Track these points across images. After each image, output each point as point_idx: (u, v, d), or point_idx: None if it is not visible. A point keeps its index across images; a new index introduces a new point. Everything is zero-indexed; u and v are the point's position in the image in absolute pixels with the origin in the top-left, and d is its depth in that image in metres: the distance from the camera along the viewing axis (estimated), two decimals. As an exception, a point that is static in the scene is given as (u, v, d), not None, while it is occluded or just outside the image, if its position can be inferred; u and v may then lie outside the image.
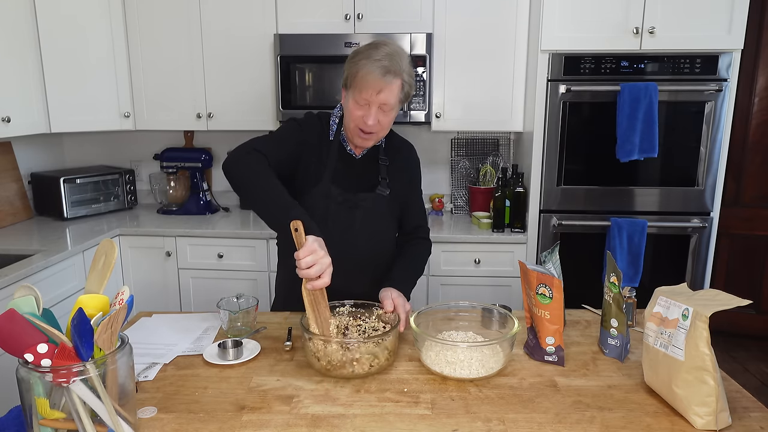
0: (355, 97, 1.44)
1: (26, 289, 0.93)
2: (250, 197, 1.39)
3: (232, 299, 1.49)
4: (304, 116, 1.59)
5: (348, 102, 1.47)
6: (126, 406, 0.97)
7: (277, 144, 1.49)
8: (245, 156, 1.42)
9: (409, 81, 1.46)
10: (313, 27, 2.70)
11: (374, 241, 1.59)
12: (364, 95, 1.41)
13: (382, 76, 1.39)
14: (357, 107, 1.44)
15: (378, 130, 1.47)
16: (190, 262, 2.71)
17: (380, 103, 1.42)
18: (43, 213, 2.94)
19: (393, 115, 1.48)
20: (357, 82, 1.42)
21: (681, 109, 2.46)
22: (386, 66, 1.39)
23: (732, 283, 3.40)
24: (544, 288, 1.25)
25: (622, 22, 2.42)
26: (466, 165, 3.10)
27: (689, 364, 1.04)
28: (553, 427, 1.04)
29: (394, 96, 1.43)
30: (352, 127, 1.49)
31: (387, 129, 1.52)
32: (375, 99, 1.41)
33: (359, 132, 1.47)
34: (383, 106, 1.43)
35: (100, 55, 2.77)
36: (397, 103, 1.46)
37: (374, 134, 1.49)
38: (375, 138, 1.51)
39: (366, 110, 1.43)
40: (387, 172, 1.60)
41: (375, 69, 1.39)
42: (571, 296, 1.48)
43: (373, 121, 1.43)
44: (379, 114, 1.44)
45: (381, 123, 1.46)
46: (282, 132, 1.54)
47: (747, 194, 3.33)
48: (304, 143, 1.53)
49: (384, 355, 1.24)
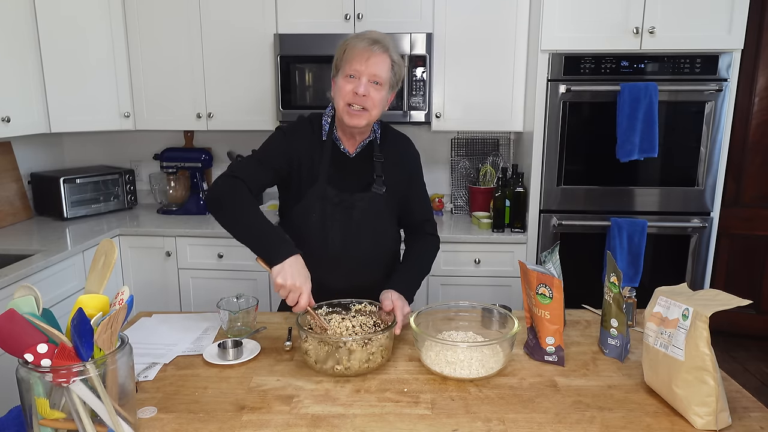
0: (345, 72, 1.45)
1: (26, 289, 0.93)
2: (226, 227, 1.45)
3: (232, 299, 1.49)
4: (296, 120, 1.59)
5: (338, 83, 1.47)
6: (126, 406, 0.97)
7: (258, 164, 1.51)
8: (220, 186, 1.46)
9: (398, 62, 1.48)
10: (313, 27, 2.70)
11: (373, 240, 1.58)
12: (353, 65, 1.43)
13: (369, 45, 1.43)
14: (347, 82, 1.44)
15: (370, 105, 1.45)
16: (190, 262, 2.71)
17: (370, 74, 1.42)
18: (43, 213, 2.94)
19: (384, 94, 1.47)
20: (345, 57, 1.45)
21: (681, 109, 2.46)
22: (373, 38, 1.44)
23: (732, 283, 3.39)
24: (544, 288, 1.25)
25: (622, 22, 2.42)
26: (466, 165, 3.10)
27: (689, 364, 1.04)
28: (553, 427, 1.04)
29: (384, 69, 1.44)
30: (341, 107, 1.46)
31: (378, 108, 1.48)
32: (365, 68, 1.42)
33: (349, 109, 1.45)
34: (373, 78, 1.43)
35: (100, 55, 2.77)
36: (387, 81, 1.46)
37: (366, 112, 1.45)
38: (367, 116, 1.47)
39: (356, 82, 1.43)
40: (383, 169, 1.57)
41: (361, 41, 1.44)
42: (571, 296, 1.48)
43: (364, 89, 1.42)
44: (370, 88, 1.44)
45: (372, 98, 1.44)
46: (266, 147, 1.55)
47: (747, 194, 3.33)
48: (293, 150, 1.53)
49: (379, 354, 1.25)
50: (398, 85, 1.52)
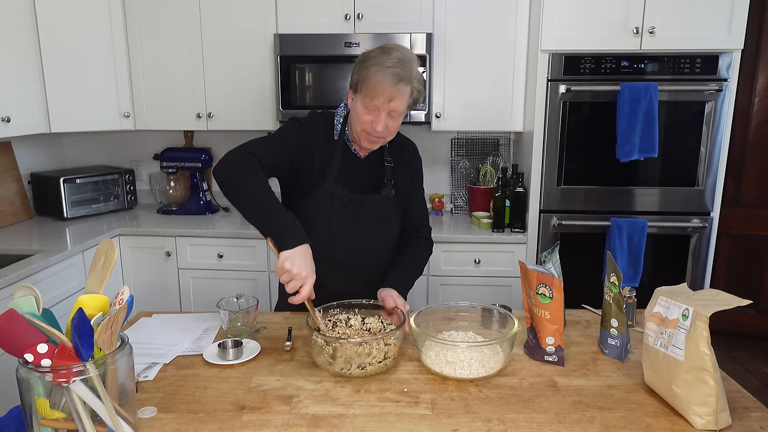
0: (365, 103, 1.42)
1: (26, 289, 0.93)
2: (235, 204, 1.40)
3: (232, 299, 1.49)
4: (308, 115, 1.58)
5: (356, 105, 1.45)
6: (126, 406, 0.97)
7: (276, 146, 1.49)
8: (234, 160, 1.41)
9: (419, 87, 1.44)
10: (313, 27, 2.70)
11: (379, 241, 1.59)
12: (375, 102, 1.40)
13: (394, 84, 1.37)
14: (366, 112, 1.43)
15: (386, 135, 1.48)
16: (190, 262, 2.71)
17: (390, 110, 1.42)
18: (43, 213, 2.94)
19: (401, 120, 1.48)
20: (368, 88, 1.39)
21: (681, 109, 2.46)
22: (398, 74, 1.37)
23: (732, 283, 3.39)
24: (544, 288, 1.25)
25: (622, 22, 2.42)
26: (466, 165, 3.10)
27: (689, 364, 1.04)
28: (553, 427, 1.04)
29: (404, 103, 1.43)
30: (359, 131, 1.48)
31: (394, 134, 1.52)
32: (386, 106, 1.41)
33: (367, 135, 1.47)
34: (392, 113, 1.43)
35: (100, 55, 2.77)
36: (405, 109, 1.45)
37: (382, 138, 1.49)
38: (383, 142, 1.52)
39: (375, 116, 1.42)
40: (392, 174, 1.59)
41: (387, 77, 1.36)
42: (571, 296, 1.48)
43: (382, 127, 1.43)
44: (388, 120, 1.44)
45: (389, 128, 1.46)
46: (283, 132, 1.52)
47: (747, 194, 3.33)
48: (307, 144, 1.52)
49: (393, 353, 1.26)
50: (417, 103, 1.50)
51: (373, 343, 1.22)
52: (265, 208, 1.36)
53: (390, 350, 1.25)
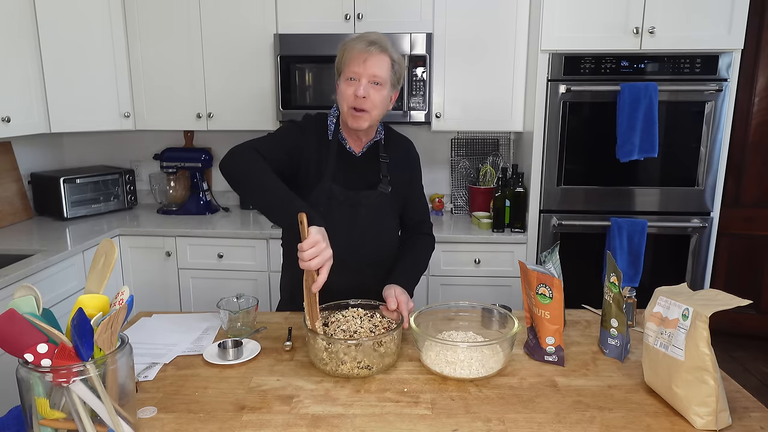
0: (345, 75, 1.46)
1: (26, 289, 0.93)
2: (250, 193, 1.39)
3: (232, 299, 1.49)
4: (303, 118, 1.60)
5: (340, 87, 1.49)
6: (126, 406, 0.97)
7: (276, 143, 1.50)
8: (243, 153, 1.42)
9: (398, 60, 1.49)
10: (313, 27, 2.70)
11: (378, 238, 1.59)
12: (352, 67, 1.44)
13: (366, 47, 1.44)
14: (348, 85, 1.46)
15: (370, 107, 1.46)
16: (190, 262, 2.71)
17: (369, 75, 1.43)
18: (43, 213, 2.94)
19: (385, 93, 1.48)
20: (344, 60, 1.46)
21: (681, 109, 2.46)
22: (370, 39, 1.45)
23: (732, 283, 3.39)
24: (544, 288, 1.25)
25: (622, 22, 2.42)
26: (466, 165, 3.10)
27: (689, 364, 1.04)
28: (553, 427, 1.04)
29: (383, 69, 1.45)
30: (345, 110, 1.48)
31: (380, 109, 1.49)
32: (363, 70, 1.43)
33: (352, 111, 1.47)
34: (373, 79, 1.44)
35: (101, 55, 2.77)
36: (387, 80, 1.47)
37: (367, 112, 1.47)
38: (368, 118, 1.48)
39: (356, 84, 1.45)
40: (388, 170, 1.60)
41: (358, 44, 1.45)
42: (571, 296, 1.48)
43: (363, 91, 1.43)
44: (370, 89, 1.45)
45: (372, 99, 1.45)
46: (281, 132, 1.55)
47: (747, 194, 3.33)
48: (304, 144, 1.53)
49: (390, 353, 1.25)
50: (400, 83, 1.53)
51: (372, 343, 1.21)
52: (286, 191, 1.35)
53: (388, 350, 1.24)
